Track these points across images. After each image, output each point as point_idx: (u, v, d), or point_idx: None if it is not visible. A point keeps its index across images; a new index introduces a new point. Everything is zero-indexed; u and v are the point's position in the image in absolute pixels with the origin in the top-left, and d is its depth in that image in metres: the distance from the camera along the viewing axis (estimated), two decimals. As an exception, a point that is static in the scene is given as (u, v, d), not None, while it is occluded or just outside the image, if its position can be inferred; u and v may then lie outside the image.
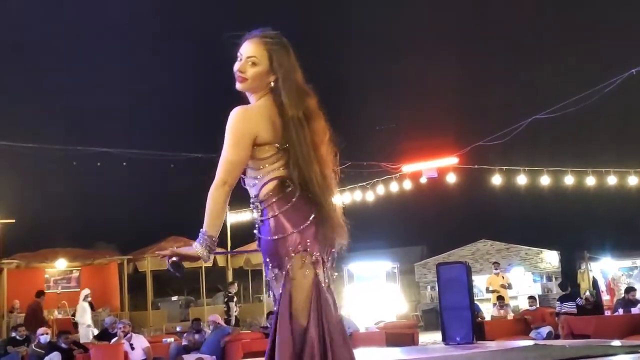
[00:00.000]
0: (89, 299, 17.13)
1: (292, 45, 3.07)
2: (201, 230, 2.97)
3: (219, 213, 2.99)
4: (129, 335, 11.90)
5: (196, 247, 2.98)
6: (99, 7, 24.65)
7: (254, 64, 2.99)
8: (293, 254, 2.93)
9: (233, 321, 16.76)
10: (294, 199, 2.95)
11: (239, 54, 3.04)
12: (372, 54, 28.23)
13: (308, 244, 2.94)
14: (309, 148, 2.96)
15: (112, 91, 26.01)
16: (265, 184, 3.00)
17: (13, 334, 13.48)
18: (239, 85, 3.04)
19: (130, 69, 25.03)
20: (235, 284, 18.94)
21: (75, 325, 18.39)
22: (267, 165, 2.98)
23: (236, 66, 3.03)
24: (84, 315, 16.73)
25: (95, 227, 26.87)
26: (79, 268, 21.76)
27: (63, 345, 11.43)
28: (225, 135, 2.93)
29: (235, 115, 2.94)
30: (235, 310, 17.29)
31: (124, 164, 16.48)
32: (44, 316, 17.31)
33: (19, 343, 12.79)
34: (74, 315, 18.89)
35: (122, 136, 23.91)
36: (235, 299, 17.51)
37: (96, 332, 15.74)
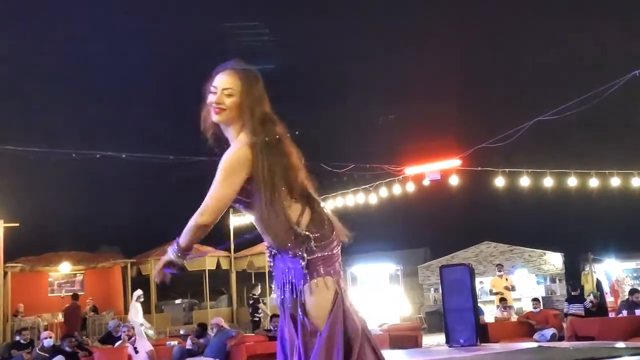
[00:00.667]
0: (142, 299, 17.44)
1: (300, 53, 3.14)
2: (176, 239, 3.17)
3: (193, 236, 3.18)
4: (133, 338, 11.93)
5: (168, 253, 3.19)
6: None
7: (230, 95, 3.08)
8: None
9: (264, 322, 16.83)
10: None
11: (212, 87, 3.12)
12: (375, 55, 28.25)
13: None
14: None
15: (120, 94, 26.07)
16: None
17: (17, 338, 13.51)
18: (216, 117, 3.12)
19: (135, 73, 25.08)
20: (259, 286, 18.87)
21: (80, 327, 18.47)
22: None
23: (211, 98, 3.11)
24: (137, 315, 16.97)
25: (99, 231, 26.90)
26: (83, 271, 21.80)
27: (67, 348, 11.45)
28: None
29: None
30: (262, 310, 17.29)
31: (128, 167, 16.50)
32: (81, 315, 18.12)
33: (23, 347, 12.81)
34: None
35: (127, 140, 23.93)
36: (261, 299, 17.50)
37: (151, 331, 16.48)
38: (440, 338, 14.57)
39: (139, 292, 17.62)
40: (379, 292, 21.12)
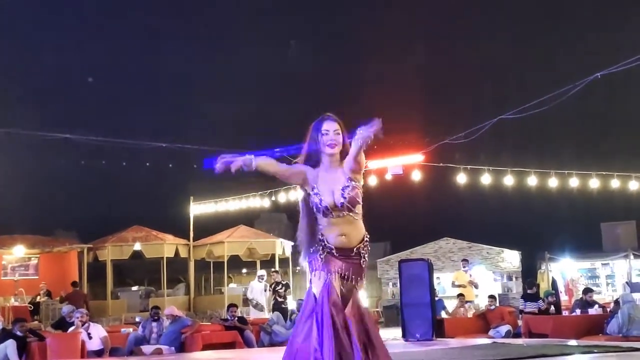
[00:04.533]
0: (264, 279, 17.87)
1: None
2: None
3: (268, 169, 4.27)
4: (86, 324, 11.72)
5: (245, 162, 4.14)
6: None
7: (339, 134, 4.25)
8: None
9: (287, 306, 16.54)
10: None
11: (324, 130, 4.23)
12: (340, 50, 28.23)
13: None
14: None
15: (78, 74, 25.62)
16: None
17: (-33, 321, 13.18)
18: (332, 151, 4.24)
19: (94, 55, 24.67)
20: (278, 272, 18.46)
21: (33, 312, 18.16)
22: None
23: (329, 138, 4.23)
24: (252, 293, 17.70)
25: (55, 215, 26.48)
26: (38, 255, 21.42)
27: (18, 333, 11.20)
28: None
29: None
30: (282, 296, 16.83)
31: (87, 151, 16.21)
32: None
33: (-27, 330, 12.51)
34: (30, 303, 18.62)
35: (86, 122, 23.55)
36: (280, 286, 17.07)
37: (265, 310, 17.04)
38: (397, 332, 14.60)
39: (261, 272, 18.51)
40: (337, 284, 21.12)
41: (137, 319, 16.75)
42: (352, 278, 4.21)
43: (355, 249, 4.28)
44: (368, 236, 4.38)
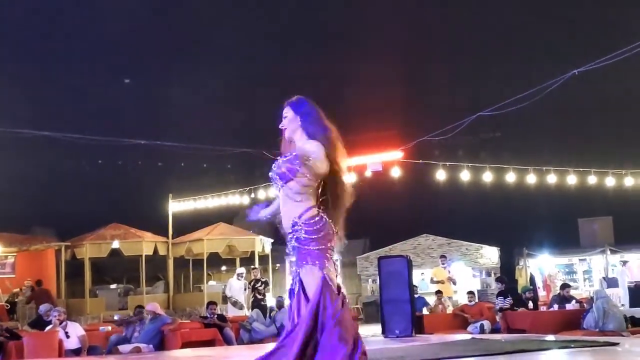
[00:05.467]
0: (243, 277, 18.03)
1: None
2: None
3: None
4: (64, 323, 11.62)
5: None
6: None
7: (286, 117, 4.47)
8: None
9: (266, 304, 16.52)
10: None
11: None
12: (319, 46, 28.21)
13: None
14: None
15: (52, 75, 25.36)
16: None
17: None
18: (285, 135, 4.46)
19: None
20: (258, 269, 18.29)
21: (10, 311, 17.98)
22: None
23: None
24: (231, 290, 17.82)
25: (32, 212, 26.18)
26: (15, 254, 21.19)
27: (-7, 332, 11.08)
28: None
29: None
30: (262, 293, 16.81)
31: (64, 148, 16.09)
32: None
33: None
34: (7, 302, 18.44)
35: (63, 120, 23.34)
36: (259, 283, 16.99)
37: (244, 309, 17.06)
38: (377, 328, 14.64)
39: (240, 269, 18.68)
40: (317, 281, 21.13)
41: (116, 317, 16.64)
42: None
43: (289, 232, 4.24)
44: (300, 219, 4.19)
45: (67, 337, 11.38)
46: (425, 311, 15.03)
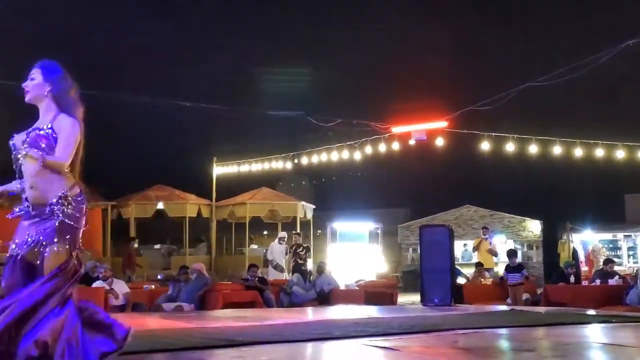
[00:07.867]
0: (284, 241, 18.39)
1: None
2: None
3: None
4: (109, 280, 11.92)
5: None
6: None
7: (33, 79, 4.18)
8: None
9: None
10: None
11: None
12: (370, 14, 27.94)
13: None
14: None
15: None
16: None
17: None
18: (26, 97, 4.16)
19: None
20: (300, 235, 18.28)
21: None
22: None
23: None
24: (272, 254, 18.10)
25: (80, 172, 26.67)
26: (62, 211, 21.62)
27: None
28: None
29: None
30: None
31: (111, 108, 16.27)
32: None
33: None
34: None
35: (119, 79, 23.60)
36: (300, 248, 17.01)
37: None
38: (416, 297, 14.69)
39: (282, 234, 19.05)
40: (358, 249, 21.22)
41: (159, 277, 17.00)
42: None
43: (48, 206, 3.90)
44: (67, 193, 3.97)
45: (113, 293, 11.66)
46: (460, 280, 14.96)
